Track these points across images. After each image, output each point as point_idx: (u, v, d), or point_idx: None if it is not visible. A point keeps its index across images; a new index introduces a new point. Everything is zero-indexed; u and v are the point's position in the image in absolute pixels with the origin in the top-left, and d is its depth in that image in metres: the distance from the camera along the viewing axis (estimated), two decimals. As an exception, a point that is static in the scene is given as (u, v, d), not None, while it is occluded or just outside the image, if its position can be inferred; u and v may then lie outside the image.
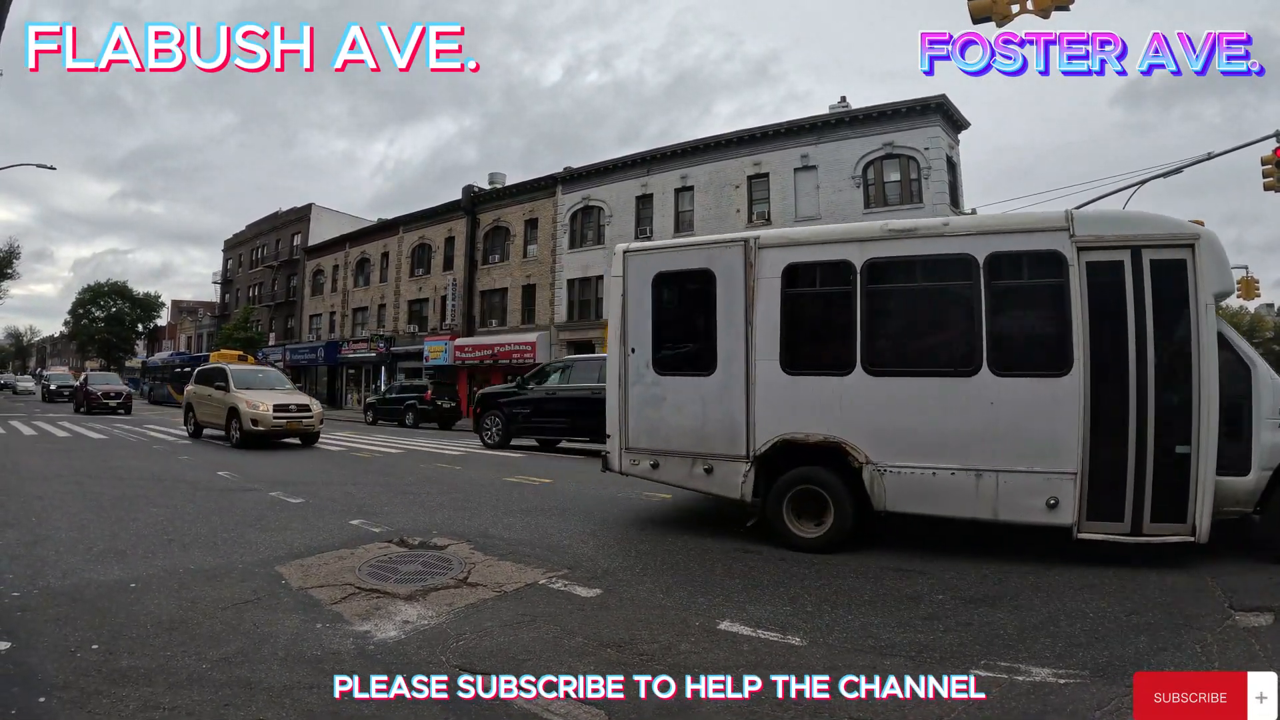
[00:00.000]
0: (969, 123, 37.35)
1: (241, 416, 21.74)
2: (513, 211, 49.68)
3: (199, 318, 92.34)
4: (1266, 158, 23.37)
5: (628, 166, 44.19)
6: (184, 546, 8.59)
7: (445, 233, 53.88)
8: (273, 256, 73.53)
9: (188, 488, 13.31)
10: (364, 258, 61.67)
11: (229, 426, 22.39)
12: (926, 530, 9.35)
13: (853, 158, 36.48)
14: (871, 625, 6.33)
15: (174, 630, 5.75)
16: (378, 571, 7.68)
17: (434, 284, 54.18)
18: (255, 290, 76.81)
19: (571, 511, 11.64)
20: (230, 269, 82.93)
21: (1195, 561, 8.27)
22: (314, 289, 67.74)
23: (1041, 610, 6.76)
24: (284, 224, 73.29)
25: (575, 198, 46.16)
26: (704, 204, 40.80)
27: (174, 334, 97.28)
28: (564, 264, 46.22)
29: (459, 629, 6.02)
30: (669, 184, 42.31)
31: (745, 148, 39.87)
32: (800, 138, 38.19)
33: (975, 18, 12.60)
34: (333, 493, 13.08)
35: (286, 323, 71.19)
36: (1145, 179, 28.72)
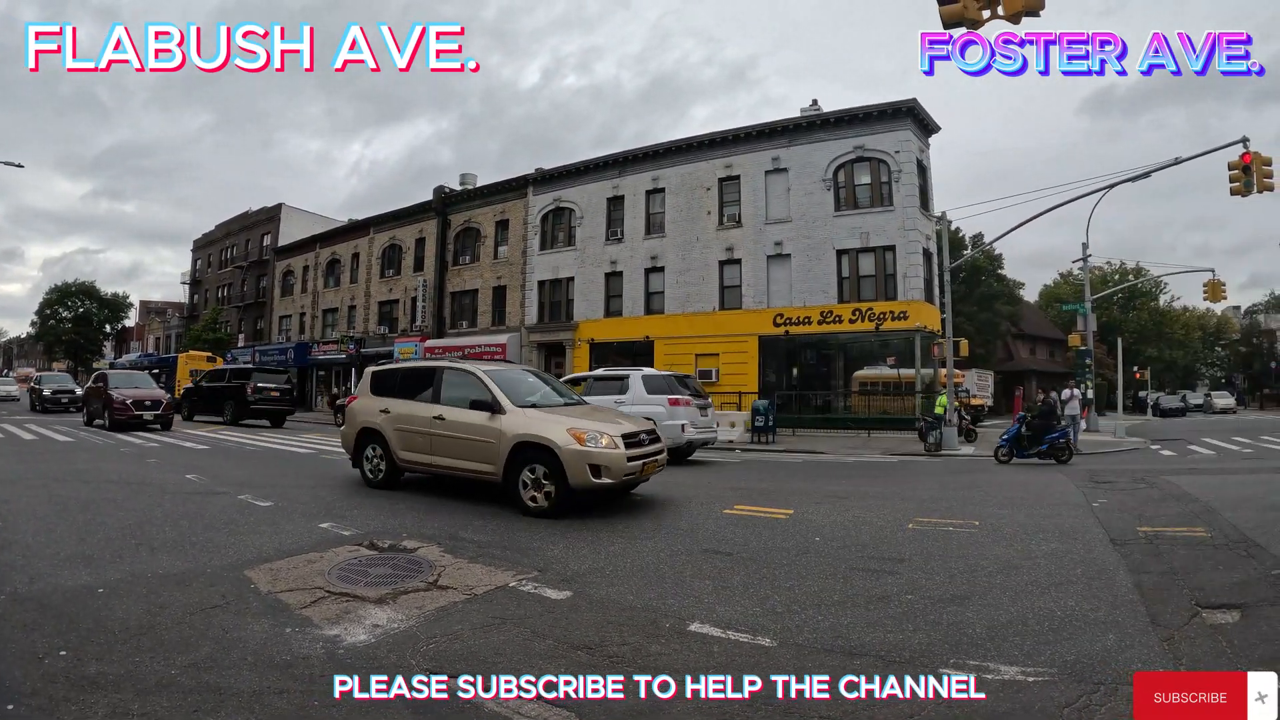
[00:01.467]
0: (939, 126, 37.73)
1: (569, 463, 11.19)
2: (484, 212, 49.66)
3: (167, 318, 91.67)
4: (1234, 163, 23.70)
5: (599, 168, 44.29)
6: (152, 550, 8.51)
7: (416, 234, 53.77)
8: (242, 257, 73.11)
9: (155, 491, 13.19)
10: (334, 258, 61.42)
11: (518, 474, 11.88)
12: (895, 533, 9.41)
13: (824, 160, 36.80)
14: (841, 625, 6.37)
15: (142, 636, 5.72)
16: (347, 575, 7.66)
17: (404, 285, 54.05)
18: (224, 291, 76.30)
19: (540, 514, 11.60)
20: (199, 269, 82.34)
21: (1163, 560, 8.39)
22: (284, 290, 67.35)
23: (1010, 609, 6.83)
24: (254, 224, 72.91)
25: (546, 199, 46.21)
26: (675, 206, 41.01)
27: (142, 335, 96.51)
28: (535, 265, 46.28)
29: (429, 632, 6.02)
30: (640, 186, 42.49)
31: (717, 150, 40.09)
32: (772, 140, 38.48)
33: (947, 23, 12.70)
34: (302, 495, 13.01)
35: (256, 324, 70.75)
36: (1113, 183, 29.01)
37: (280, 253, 67.61)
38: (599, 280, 43.64)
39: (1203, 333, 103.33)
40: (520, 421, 11.78)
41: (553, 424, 11.58)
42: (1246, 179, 23.33)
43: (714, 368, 38.12)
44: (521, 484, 11.47)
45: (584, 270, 44.24)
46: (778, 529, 10.64)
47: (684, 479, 17.09)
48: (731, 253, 39.12)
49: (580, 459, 11.04)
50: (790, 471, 19.65)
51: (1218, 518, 11.19)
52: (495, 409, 12.10)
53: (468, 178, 54.48)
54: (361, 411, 14.23)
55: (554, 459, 11.16)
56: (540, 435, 11.38)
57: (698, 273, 40.01)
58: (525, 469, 11.50)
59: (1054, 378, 69.29)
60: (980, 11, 12.61)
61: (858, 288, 35.88)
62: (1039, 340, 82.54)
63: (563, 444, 11.11)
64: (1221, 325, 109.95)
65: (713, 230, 39.76)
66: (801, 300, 36.75)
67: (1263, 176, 23.33)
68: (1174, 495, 13.90)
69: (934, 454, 25.14)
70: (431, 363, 14.93)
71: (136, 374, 37.86)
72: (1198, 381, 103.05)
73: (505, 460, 11.65)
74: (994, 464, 21.22)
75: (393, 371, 14.72)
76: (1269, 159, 23.40)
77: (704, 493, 14.22)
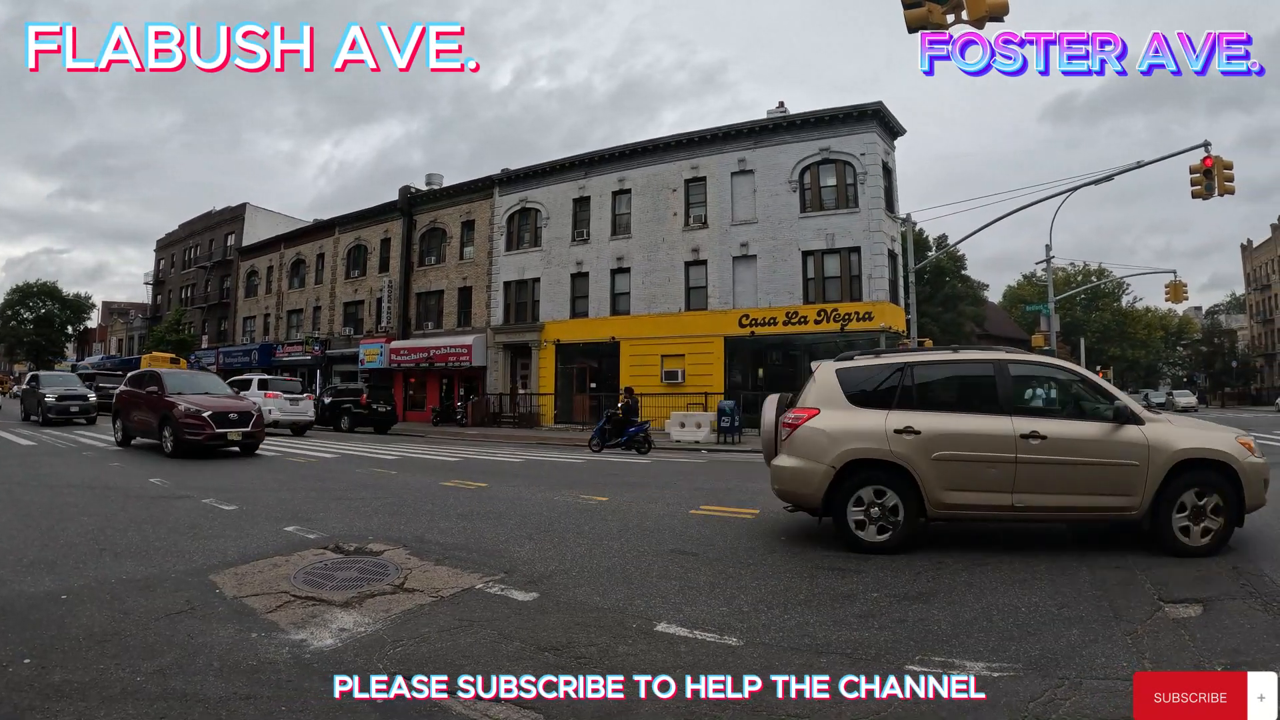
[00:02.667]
0: (905, 129, 38.08)
1: None
2: (449, 213, 49.55)
3: (130, 320, 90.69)
4: (1195, 166, 24.11)
5: (565, 169, 44.29)
6: (116, 556, 8.45)
7: (381, 234, 53.52)
8: (206, 257, 72.45)
9: (119, 495, 13.09)
10: (299, 259, 61.03)
11: None
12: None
13: (790, 162, 36.99)
14: (807, 624, 6.41)
15: (107, 642, 5.68)
16: (313, 579, 7.62)
17: (370, 286, 53.80)
18: (188, 291, 75.61)
19: (507, 515, 11.64)
20: (163, 270, 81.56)
21: (1126, 556, 8.51)
22: (248, 290, 66.86)
23: (975, 605, 6.90)
24: (217, 224, 72.32)
25: (512, 199, 46.16)
26: (641, 207, 41.08)
27: (104, 336, 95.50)
28: (500, 266, 46.23)
29: (396, 635, 6.00)
30: (607, 187, 42.52)
31: (683, 151, 40.20)
32: (738, 142, 38.64)
33: (911, 27, 12.82)
34: (266, 499, 12.97)
35: (219, 325, 70.20)
36: (1076, 186, 29.37)
37: (244, 253, 67.09)
38: (565, 281, 43.61)
39: (1165, 333, 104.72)
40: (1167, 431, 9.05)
41: None
42: (1208, 182, 23.73)
43: (680, 368, 38.21)
44: None
45: (550, 271, 44.19)
46: (744, 529, 10.71)
47: (648, 479, 17.13)
48: (697, 254, 39.22)
49: None
50: (756, 471, 19.65)
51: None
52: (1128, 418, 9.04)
53: (433, 178, 54.28)
54: (837, 433, 9.44)
55: None
56: None
57: (663, 274, 40.09)
58: None
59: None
60: (944, 15, 12.75)
61: (823, 289, 36.10)
62: (1003, 341, 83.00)
63: None
64: (1183, 325, 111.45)
65: (678, 231, 39.86)
66: (767, 301, 36.93)
67: (1223, 180, 23.75)
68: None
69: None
70: (974, 354, 10.48)
71: (200, 374, 29.39)
72: (1160, 380, 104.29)
73: None
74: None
75: (902, 368, 9.85)
76: (1230, 163, 23.81)
77: (670, 493, 14.27)
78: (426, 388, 49.78)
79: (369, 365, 49.86)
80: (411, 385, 50.39)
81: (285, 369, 58.00)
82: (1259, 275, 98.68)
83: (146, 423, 21.35)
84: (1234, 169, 23.98)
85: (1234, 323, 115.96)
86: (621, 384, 38.89)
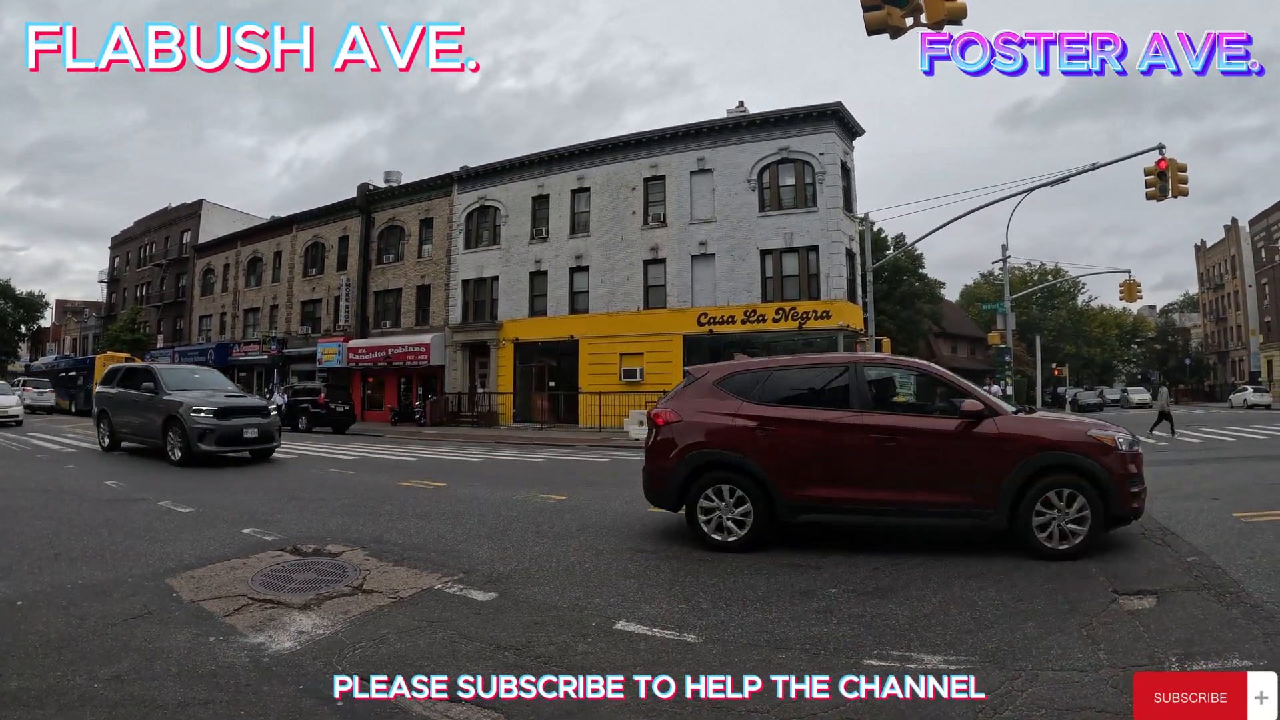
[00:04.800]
0: (864, 130, 38.36)
1: None
2: (408, 211, 49.22)
3: (84, 318, 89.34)
4: (1149, 169, 24.49)
5: (525, 167, 44.11)
6: (71, 561, 8.39)
7: (340, 232, 53.06)
8: (162, 254, 71.29)
9: (74, 499, 12.96)
10: (256, 257, 60.33)
11: None
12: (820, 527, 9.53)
13: (749, 162, 37.10)
14: (766, 621, 6.49)
15: (64, 649, 5.65)
16: (271, 581, 7.61)
17: (327, 284, 53.33)
18: (143, 290, 74.46)
19: (466, 515, 11.66)
20: (118, 267, 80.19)
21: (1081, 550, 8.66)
22: (204, 289, 65.94)
23: (932, 600, 7.02)
24: (173, 221, 71.24)
25: (471, 197, 45.96)
26: (600, 205, 41.02)
27: (59, 336, 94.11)
28: (459, 264, 46.02)
29: (355, 637, 6.02)
30: (566, 185, 42.43)
31: (643, 150, 40.19)
32: (697, 141, 38.69)
33: (870, 30, 12.93)
34: (223, 501, 12.87)
35: (175, 324, 69.23)
36: (1033, 187, 29.72)
37: (200, 250, 66.19)
38: (524, 280, 43.46)
39: (1119, 331, 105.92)
40: None
41: None
42: (1162, 184, 24.12)
43: (639, 367, 38.24)
44: None
45: (509, 269, 44.03)
46: (702, 528, 10.75)
47: (606, 477, 17.18)
48: (656, 252, 39.27)
49: None
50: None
51: (1133, 508, 11.53)
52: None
53: (392, 175, 53.97)
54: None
55: None
56: None
57: (622, 272, 40.09)
58: None
59: (975, 375, 70.40)
60: (903, 19, 12.87)
61: (781, 287, 36.26)
62: (960, 338, 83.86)
63: None
64: (1138, 324, 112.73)
65: (638, 230, 39.87)
66: (726, 300, 37.04)
67: (1178, 182, 24.16)
68: (1090, 488, 14.23)
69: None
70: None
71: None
72: (1115, 378, 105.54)
73: None
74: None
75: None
76: (1184, 165, 24.23)
77: (629, 491, 14.28)
78: (385, 387, 49.49)
79: (327, 364, 49.46)
80: (370, 385, 50.11)
81: (242, 369, 57.52)
82: (1212, 275, 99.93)
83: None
84: (1188, 171, 24.35)
85: (1188, 321, 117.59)
86: (581, 383, 38.87)
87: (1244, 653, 5.46)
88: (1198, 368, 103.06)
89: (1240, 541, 9.09)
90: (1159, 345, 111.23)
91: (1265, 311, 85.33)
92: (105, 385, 21.88)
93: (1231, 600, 6.73)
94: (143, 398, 19.71)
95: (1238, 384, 75.08)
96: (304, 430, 36.23)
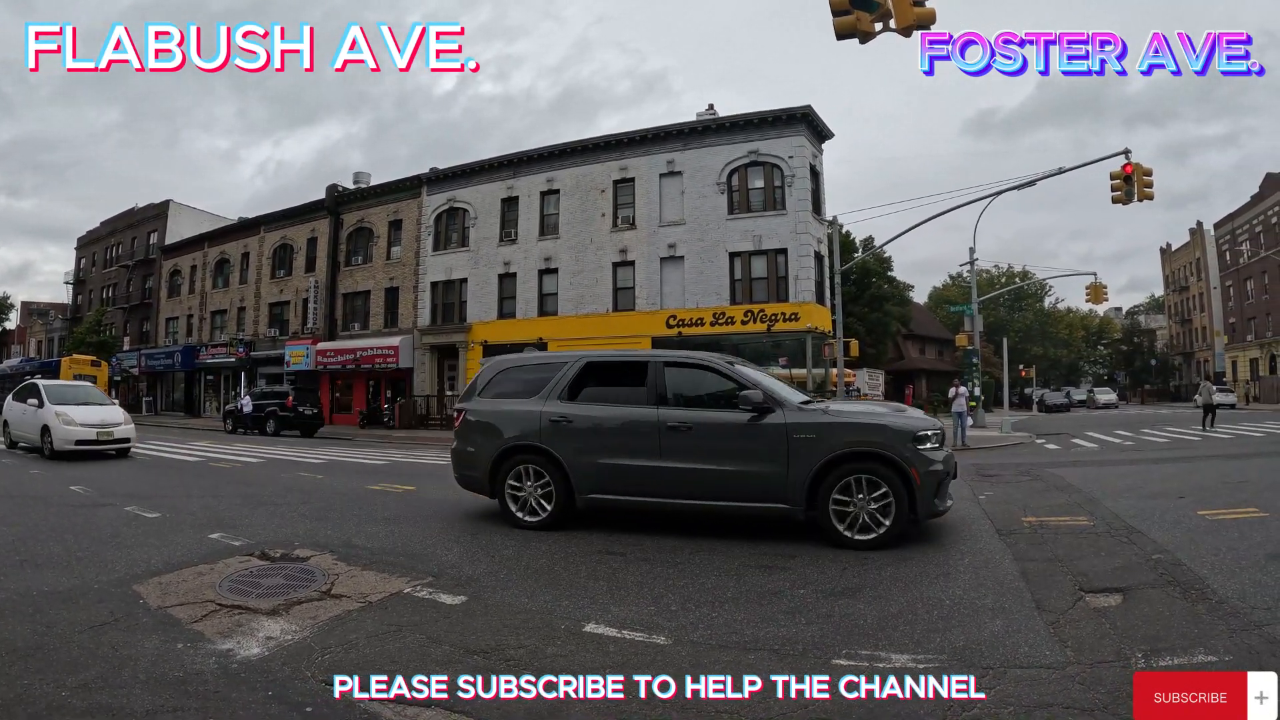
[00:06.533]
0: (833, 133, 38.63)
1: None
2: (377, 212, 49.06)
3: (50, 321, 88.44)
4: (1115, 173, 24.83)
5: (494, 168, 44.07)
6: (37, 567, 8.32)
7: (308, 233, 52.78)
8: (128, 255, 70.60)
9: (39, 504, 12.86)
10: (223, 258, 59.88)
11: None
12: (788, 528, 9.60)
13: (718, 164, 37.26)
14: (735, 621, 6.51)
15: (30, 657, 5.62)
16: (239, 587, 7.57)
17: (295, 286, 53.06)
18: (109, 291, 73.72)
19: (434, 519, 11.65)
20: (84, 268, 79.35)
21: (1047, 548, 8.82)
22: (170, 290, 65.36)
23: (900, 599, 7.05)
24: (140, 221, 70.54)
25: (440, 199, 45.87)
26: (569, 208, 41.05)
27: (24, 338, 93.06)
28: (428, 266, 45.94)
29: (324, 642, 5.99)
30: (535, 187, 42.43)
31: (612, 152, 40.26)
32: (667, 144, 38.80)
33: (839, 34, 12.99)
34: (191, 506, 12.80)
35: (142, 326, 68.64)
36: (1001, 190, 29.95)
37: (167, 251, 65.57)
38: (492, 281, 43.42)
39: (1086, 332, 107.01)
40: None
41: None
42: (1128, 188, 24.42)
43: (609, 369, 37.98)
44: None
45: (477, 271, 43.97)
46: (671, 528, 10.77)
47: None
48: (625, 254, 39.33)
49: None
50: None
51: (1100, 507, 11.73)
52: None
53: (361, 176, 53.72)
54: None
55: None
56: None
57: (591, 274, 40.12)
58: None
59: (943, 376, 70.72)
60: (872, 24, 12.97)
61: (750, 289, 36.43)
62: (928, 340, 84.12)
63: None
64: (1104, 326, 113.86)
65: (607, 232, 39.92)
66: (694, 302, 37.18)
67: (1143, 186, 24.44)
68: (1058, 486, 14.47)
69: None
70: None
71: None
72: (1081, 378, 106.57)
73: None
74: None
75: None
76: (1149, 169, 24.55)
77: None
78: (353, 390, 49.30)
79: (295, 367, 49.19)
80: (338, 387, 49.91)
81: (209, 371, 57.19)
82: (1177, 277, 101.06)
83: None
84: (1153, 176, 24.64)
85: (1153, 323, 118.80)
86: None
87: (1209, 648, 5.54)
88: (1163, 368, 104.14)
89: (1205, 539, 9.17)
90: (1125, 346, 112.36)
91: (1230, 313, 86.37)
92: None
93: (1196, 597, 6.79)
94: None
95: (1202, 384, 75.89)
96: (272, 434, 36.08)
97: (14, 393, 24.84)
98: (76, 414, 21.46)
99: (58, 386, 24.73)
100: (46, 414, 21.39)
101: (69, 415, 21.26)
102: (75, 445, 20.89)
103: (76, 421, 21.15)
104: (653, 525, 10.43)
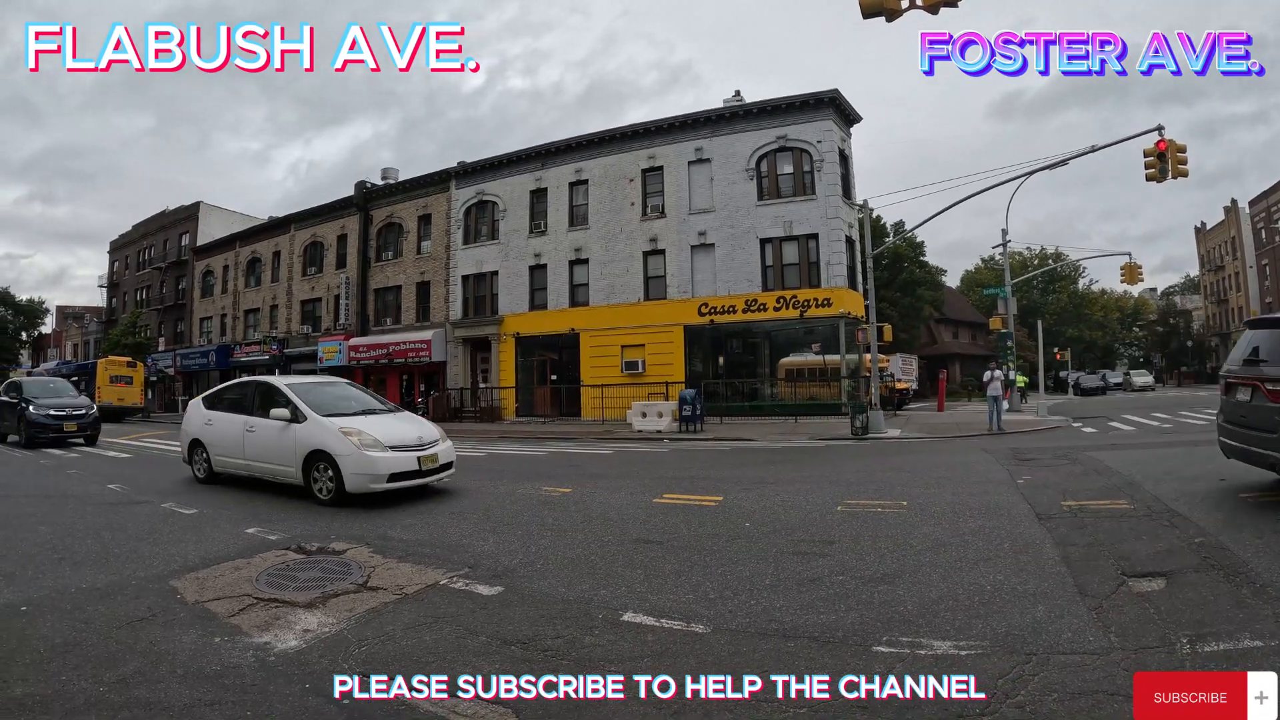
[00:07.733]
0: (861, 116, 38.23)
1: None
2: (406, 207, 49.06)
3: (85, 324, 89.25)
4: (1149, 150, 24.35)
5: (522, 161, 43.91)
6: (75, 565, 8.35)
7: (338, 230, 52.91)
8: (160, 258, 71.06)
9: (77, 503, 12.93)
10: (255, 257, 60.18)
11: None
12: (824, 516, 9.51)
13: (746, 151, 36.97)
14: (774, 609, 6.45)
15: (68, 653, 5.63)
16: (275, 580, 7.59)
17: (327, 283, 53.22)
18: (143, 293, 74.24)
19: (470, 510, 11.67)
20: (117, 272, 79.99)
21: (1087, 532, 8.62)
22: (204, 290, 65.77)
23: (940, 586, 6.97)
24: (171, 224, 71.00)
25: (469, 192, 45.78)
26: (599, 198, 40.86)
27: (60, 342, 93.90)
28: (458, 260, 45.87)
29: (361, 634, 6.00)
30: (563, 178, 42.28)
31: (640, 141, 40.06)
32: (695, 131, 38.54)
33: (866, 13, 12.86)
34: (226, 501, 12.83)
35: (176, 326, 69.13)
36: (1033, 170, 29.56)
37: (199, 252, 66.00)
38: (523, 273, 43.33)
39: (1120, 314, 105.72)
40: None
41: None
42: (1162, 165, 23.96)
43: (640, 358, 38.12)
44: None
45: (508, 264, 43.92)
46: (708, 516, 10.73)
47: (610, 469, 17.14)
48: (655, 243, 39.14)
49: None
50: (718, 459, 19.76)
51: (1140, 490, 11.52)
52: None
53: (389, 172, 53.66)
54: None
55: None
56: None
57: (622, 264, 39.97)
58: None
59: (977, 360, 70.37)
60: (899, 2, 12.78)
61: (782, 276, 36.16)
62: (961, 324, 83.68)
63: None
64: (1139, 307, 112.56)
65: (636, 221, 39.75)
66: (726, 289, 36.92)
67: (1177, 162, 23.98)
68: (1096, 470, 14.24)
69: (861, 437, 25.32)
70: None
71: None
72: (1117, 361, 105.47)
73: None
74: (920, 444, 21.53)
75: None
76: (1183, 146, 24.07)
77: (633, 483, 14.29)
78: (387, 384, 49.37)
79: (328, 363, 49.29)
80: (371, 382, 49.95)
81: (244, 369, 57.50)
82: (1213, 257, 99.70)
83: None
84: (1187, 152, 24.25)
85: (1189, 303, 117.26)
86: (583, 376, 38.83)
87: (1255, 633, 5.44)
88: (1200, 350, 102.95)
89: (1247, 522, 9.03)
90: (1160, 328, 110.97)
91: (1266, 292, 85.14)
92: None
93: (1240, 581, 6.68)
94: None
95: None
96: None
97: (206, 398, 16.38)
98: (375, 428, 13.05)
99: (304, 386, 14.67)
100: (319, 430, 13.00)
101: (366, 433, 12.74)
102: (388, 483, 12.47)
103: (383, 442, 12.69)
104: (689, 514, 10.35)
